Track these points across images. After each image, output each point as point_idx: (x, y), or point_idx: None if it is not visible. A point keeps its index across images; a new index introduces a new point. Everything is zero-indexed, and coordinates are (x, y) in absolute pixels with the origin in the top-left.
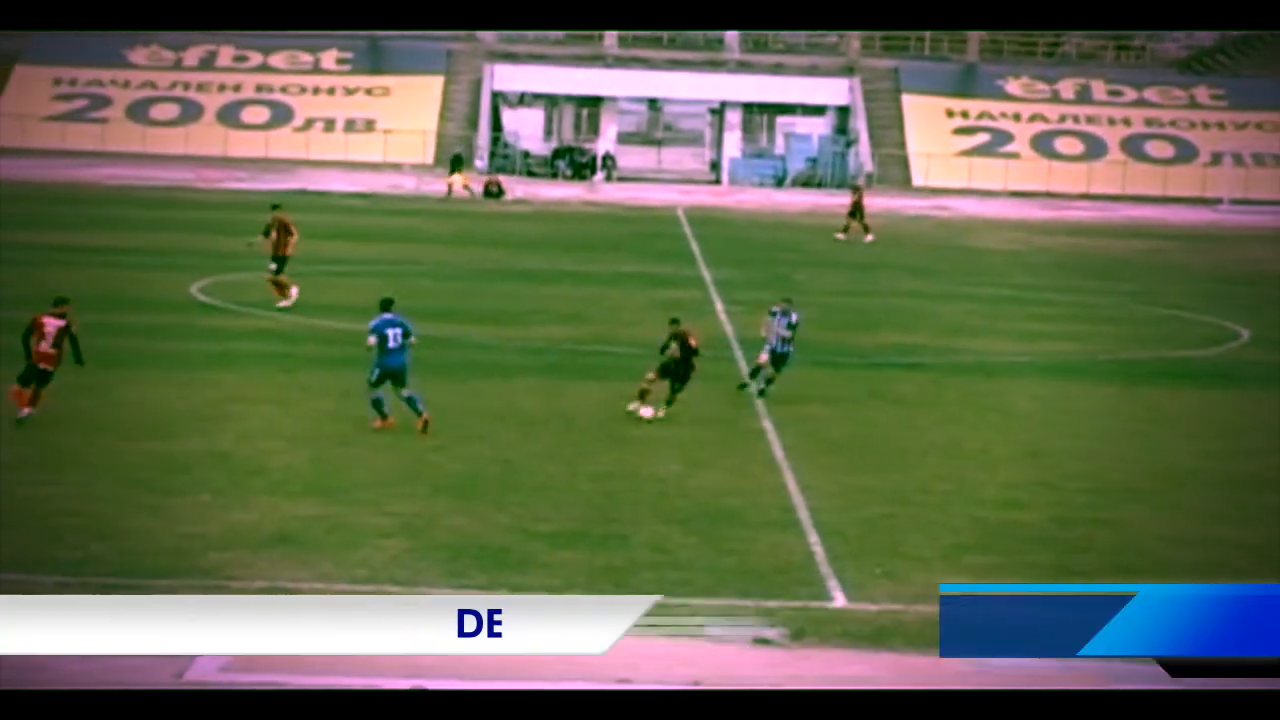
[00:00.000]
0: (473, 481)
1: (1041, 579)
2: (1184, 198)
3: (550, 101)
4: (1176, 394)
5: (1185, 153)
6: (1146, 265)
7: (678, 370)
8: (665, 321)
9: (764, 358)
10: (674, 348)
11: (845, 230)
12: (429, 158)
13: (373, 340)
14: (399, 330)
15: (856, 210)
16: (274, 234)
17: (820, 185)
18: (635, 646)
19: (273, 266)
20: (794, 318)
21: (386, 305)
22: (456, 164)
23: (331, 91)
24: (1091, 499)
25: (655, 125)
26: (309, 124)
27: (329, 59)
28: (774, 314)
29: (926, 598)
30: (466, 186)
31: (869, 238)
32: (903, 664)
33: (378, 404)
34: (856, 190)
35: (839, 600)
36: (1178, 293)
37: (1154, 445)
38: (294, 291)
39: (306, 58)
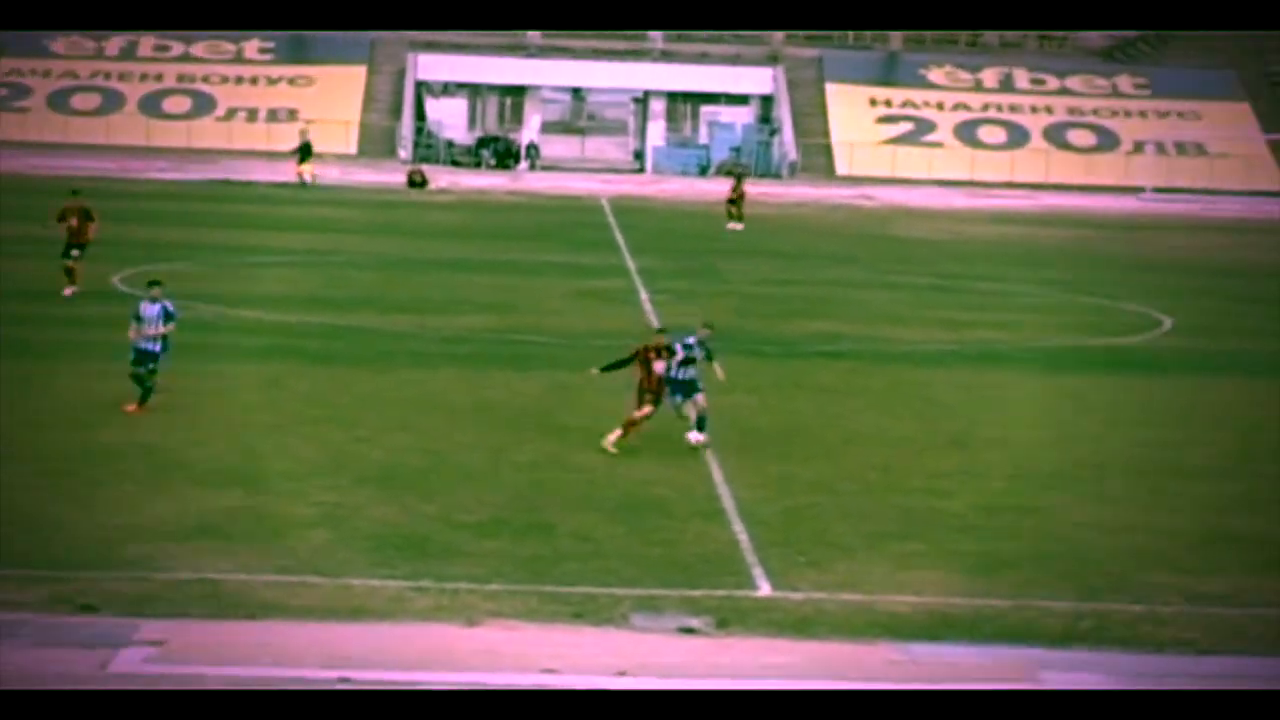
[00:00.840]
0: (397, 471)
1: (965, 567)
2: (1107, 186)
3: (474, 91)
4: (1100, 382)
5: (1108, 141)
6: (1070, 253)
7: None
8: (590, 310)
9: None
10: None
11: (739, 219)
12: (352, 148)
13: (135, 323)
14: (158, 310)
15: (737, 197)
16: (73, 220)
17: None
18: (560, 636)
19: (75, 253)
20: (687, 342)
21: (152, 285)
22: (305, 153)
23: (254, 81)
24: (1015, 486)
25: (579, 115)
26: (231, 114)
27: (251, 49)
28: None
29: (851, 586)
30: (311, 174)
31: (737, 226)
32: (827, 652)
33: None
34: (738, 178)
35: (764, 589)
36: (1101, 281)
37: (1078, 433)
38: (75, 288)
39: (229, 47)
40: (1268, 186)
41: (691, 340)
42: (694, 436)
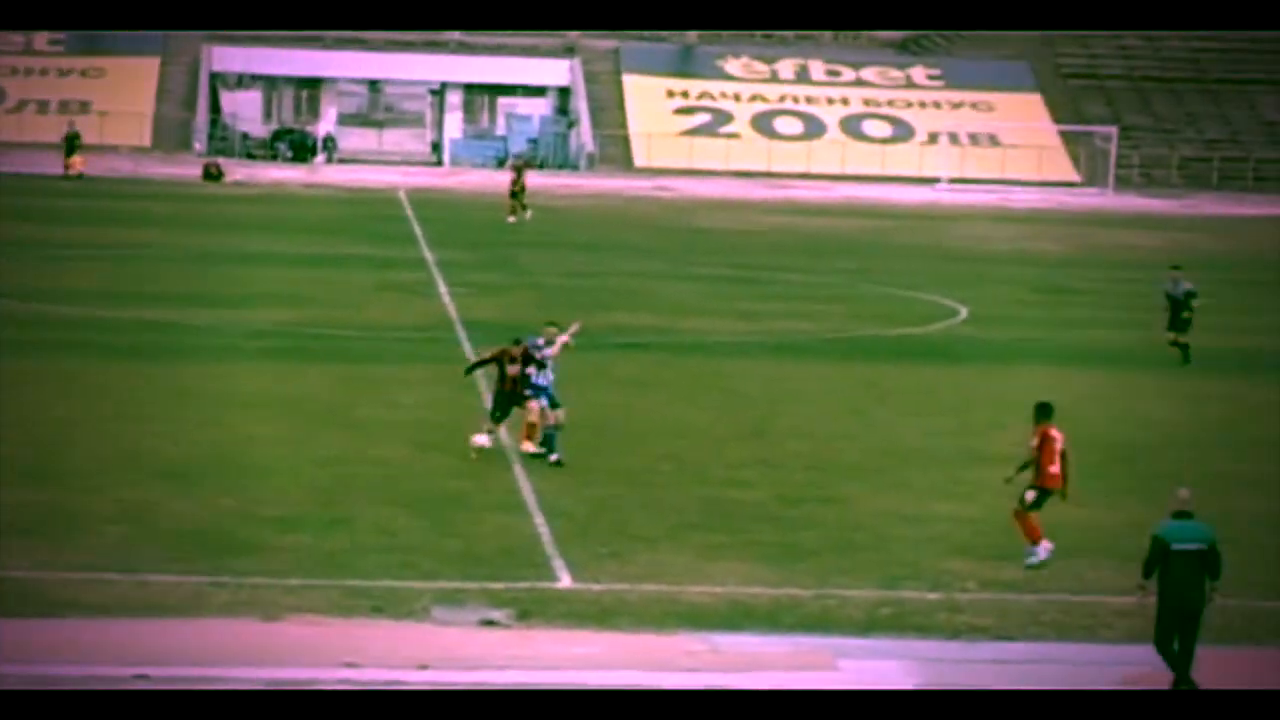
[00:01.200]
0: (196, 467)
1: (766, 557)
2: (902, 177)
3: (269, 83)
4: (897, 371)
5: (902, 132)
6: (866, 244)
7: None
8: (389, 303)
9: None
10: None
11: (513, 212)
12: (146, 140)
13: None
14: None
15: (518, 189)
16: None
17: (542, 166)
18: (361, 630)
19: None
20: (534, 343)
21: None
22: (72, 145)
23: (44, 73)
24: (814, 476)
25: (376, 107)
26: (21, 105)
27: (40, 40)
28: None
29: (652, 577)
30: (80, 166)
31: (519, 217)
32: (629, 643)
33: None
34: (518, 169)
35: (565, 581)
36: (897, 271)
37: (875, 422)
38: None
39: (18, 39)
40: (1060, 177)
41: (539, 341)
42: (528, 447)
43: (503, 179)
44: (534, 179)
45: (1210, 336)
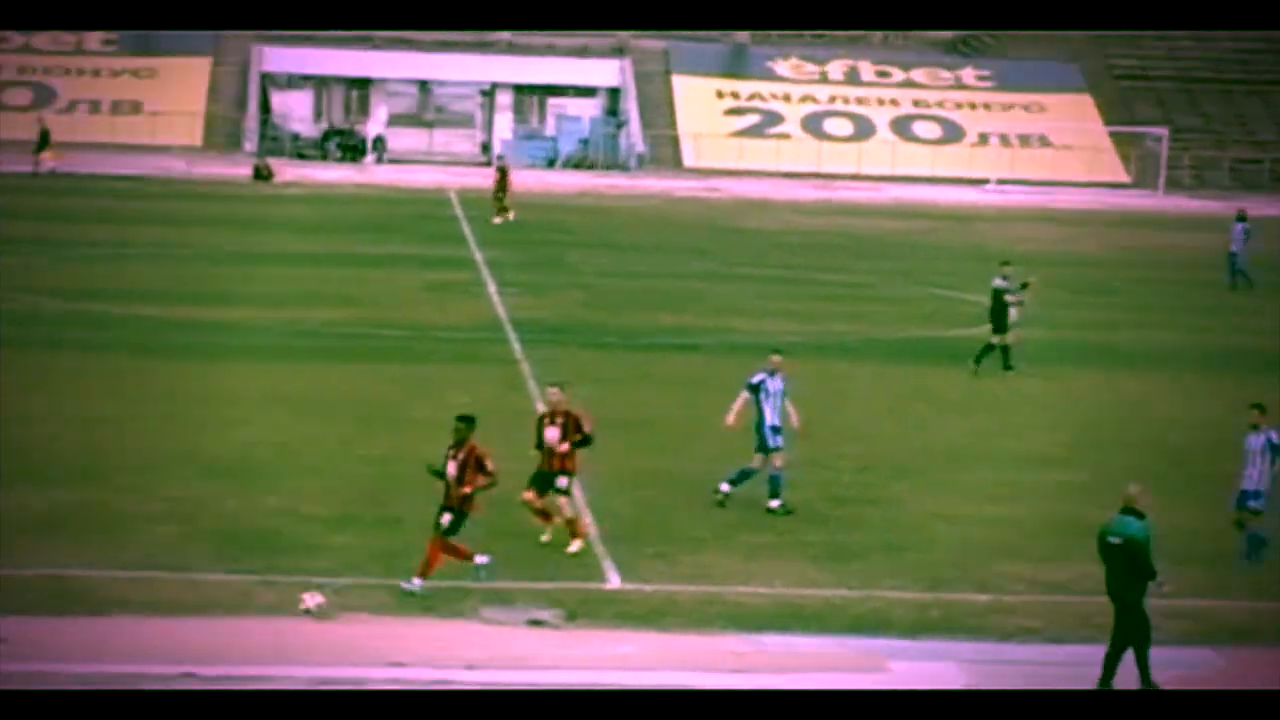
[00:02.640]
0: (244, 465)
1: (815, 558)
2: (951, 178)
3: (320, 83)
4: (945, 373)
5: (952, 133)
6: (915, 245)
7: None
8: (438, 303)
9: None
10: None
11: (499, 213)
12: (197, 140)
13: None
14: None
15: (501, 189)
16: None
17: (592, 167)
18: (410, 630)
19: None
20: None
21: None
22: (43, 142)
23: (97, 73)
24: (863, 477)
25: (426, 107)
26: (73, 106)
27: (93, 40)
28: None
29: (700, 577)
30: (51, 163)
31: (504, 217)
32: (677, 643)
33: None
34: (502, 170)
35: (613, 581)
36: (946, 272)
37: (924, 423)
38: None
39: (69, 39)
40: (1110, 178)
41: (763, 376)
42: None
43: (553, 179)
44: (584, 179)
45: (1264, 340)
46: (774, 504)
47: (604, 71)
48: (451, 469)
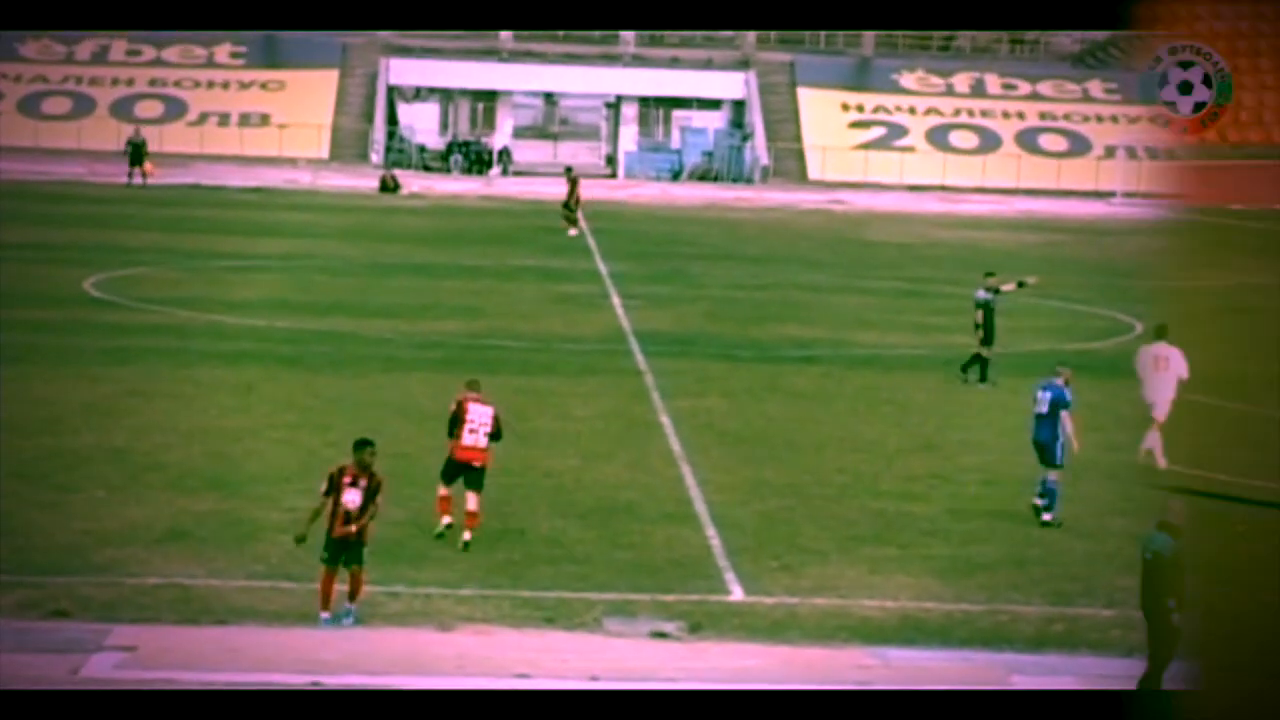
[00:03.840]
0: None
1: (938, 571)
2: (1078, 191)
3: (446, 95)
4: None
5: (1079, 146)
6: (1041, 258)
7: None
8: (562, 315)
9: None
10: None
11: (571, 224)
12: (324, 152)
13: None
14: None
15: (572, 200)
16: None
17: (716, 179)
18: (533, 641)
19: None
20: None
21: None
22: (138, 153)
23: (225, 85)
24: (987, 491)
25: (551, 119)
26: (203, 118)
27: (222, 53)
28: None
29: (823, 590)
30: (144, 174)
31: (573, 231)
32: (800, 656)
33: None
34: (573, 180)
35: (736, 593)
36: (1072, 285)
37: None
38: None
39: (200, 51)
40: None
41: (1050, 387)
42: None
43: (678, 191)
44: (709, 191)
45: None
46: (1048, 516)
47: (729, 84)
48: (355, 496)
